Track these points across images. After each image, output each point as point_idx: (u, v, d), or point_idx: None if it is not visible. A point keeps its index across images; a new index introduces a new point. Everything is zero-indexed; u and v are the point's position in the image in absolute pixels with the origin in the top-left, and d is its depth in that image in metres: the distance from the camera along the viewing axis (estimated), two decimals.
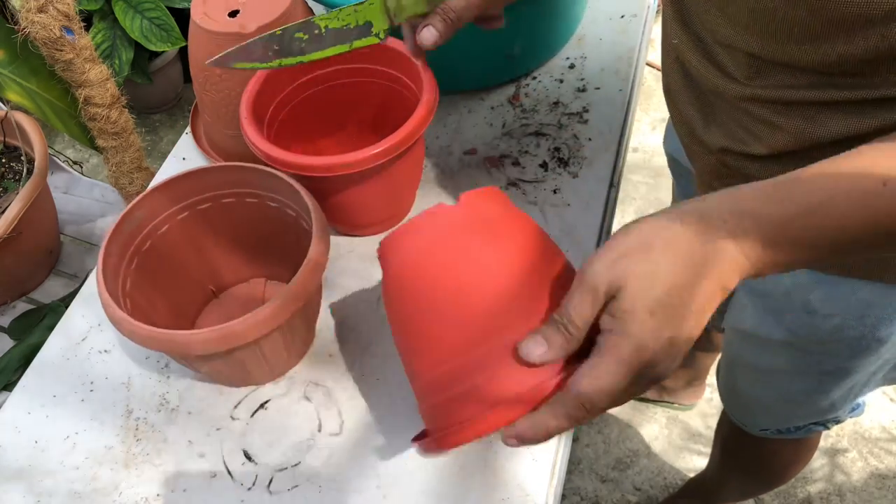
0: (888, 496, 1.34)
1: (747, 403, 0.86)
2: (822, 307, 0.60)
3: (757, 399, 0.83)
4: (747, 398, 0.85)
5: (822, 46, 0.45)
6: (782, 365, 0.72)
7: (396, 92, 0.75)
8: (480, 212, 0.49)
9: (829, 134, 0.49)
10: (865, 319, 0.60)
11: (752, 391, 0.82)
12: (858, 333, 0.61)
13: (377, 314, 0.71)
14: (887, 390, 1.45)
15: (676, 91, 0.63)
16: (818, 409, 0.76)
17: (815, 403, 0.75)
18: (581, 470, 1.41)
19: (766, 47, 0.48)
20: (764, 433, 0.87)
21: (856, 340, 0.62)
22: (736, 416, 0.90)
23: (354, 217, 0.74)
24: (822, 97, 0.48)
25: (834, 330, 0.62)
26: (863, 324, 0.60)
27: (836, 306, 0.60)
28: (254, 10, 0.76)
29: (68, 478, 0.64)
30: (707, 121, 0.59)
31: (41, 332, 1.06)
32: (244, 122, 0.68)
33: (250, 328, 0.56)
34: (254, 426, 0.66)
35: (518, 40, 0.84)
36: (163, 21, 1.66)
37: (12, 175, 1.14)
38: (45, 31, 0.94)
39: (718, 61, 0.54)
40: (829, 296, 0.60)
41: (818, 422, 0.80)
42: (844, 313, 0.60)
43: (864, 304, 0.59)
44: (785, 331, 0.66)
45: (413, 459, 0.62)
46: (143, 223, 0.66)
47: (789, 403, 0.78)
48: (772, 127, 0.52)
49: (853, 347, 0.63)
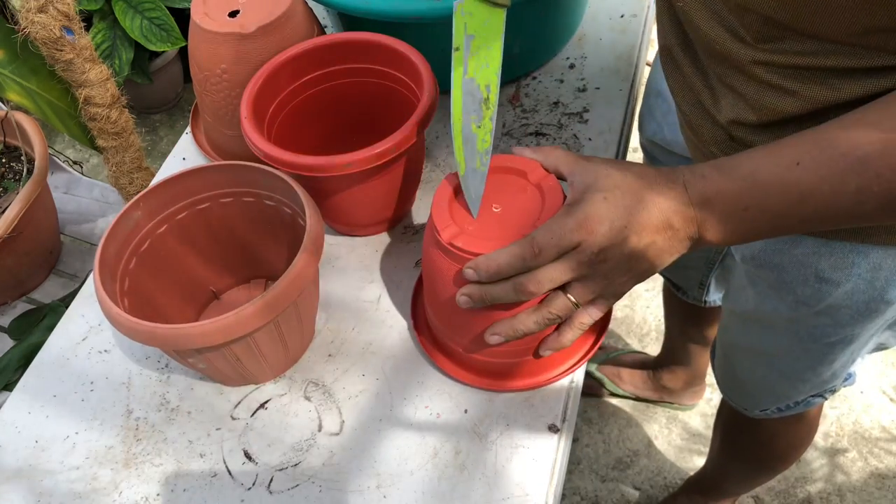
0: (888, 496, 1.34)
1: (747, 387, 0.87)
2: (833, 274, 0.61)
3: (758, 381, 0.83)
4: (747, 381, 0.85)
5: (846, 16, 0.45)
6: (786, 342, 0.73)
7: (396, 92, 0.75)
8: None
9: (844, 97, 0.49)
10: (875, 283, 0.60)
11: (752, 374, 0.82)
12: (868, 297, 0.62)
13: (377, 314, 0.71)
14: (887, 390, 1.45)
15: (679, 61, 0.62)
16: (820, 381, 0.77)
17: (818, 376, 0.75)
18: (581, 470, 1.41)
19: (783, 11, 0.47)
20: (763, 413, 0.87)
21: (864, 304, 0.63)
22: (735, 401, 0.90)
23: (354, 217, 0.74)
24: (840, 64, 0.48)
25: (844, 296, 0.62)
26: (872, 287, 0.61)
27: (846, 272, 0.61)
28: (254, 10, 0.76)
29: (68, 478, 0.64)
30: (715, 92, 0.58)
31: (41, 332, 1.06)
32: (244, 122, 0.68)
33: (242, 321, 0.56)
34: (254, 426, 0.66)
35: (518, 40, 0.84)
36: (163, 21, 1.67)
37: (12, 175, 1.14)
38: (46, 31, 0.94)
39: (729, 23, 0.53)
40: (839, 262, 0.60)
41: (817, 393, 0.81)
42: (856, 278, 0.61)
43: (873, 268, 0.59)
44: (792, 304, 0.67)
45: (413, 459, 0.62)
46: (141, 223, 0.66)
47: (792, 380, 0.78)
48: (784, 92, 0.52)
49: (861, 312, 0.64)
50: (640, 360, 1.45)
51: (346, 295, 0.73)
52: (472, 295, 0.54)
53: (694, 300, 1.10)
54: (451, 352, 0.65)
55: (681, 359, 1.34)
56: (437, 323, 0.65)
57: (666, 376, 1.39)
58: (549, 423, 0.63)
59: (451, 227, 0.56)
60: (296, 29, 0.77)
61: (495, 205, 0.57)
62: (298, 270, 0.58)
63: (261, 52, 0.75)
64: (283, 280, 0.57)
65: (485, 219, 0.57)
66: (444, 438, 0.63)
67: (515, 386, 0.64)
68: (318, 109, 0.77)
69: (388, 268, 0.75)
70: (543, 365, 0.64)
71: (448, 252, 0.56)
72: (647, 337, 1.57)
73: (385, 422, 0.64)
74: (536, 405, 0.64)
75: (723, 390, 0.93)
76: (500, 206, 0.57)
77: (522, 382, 0.64)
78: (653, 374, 1.42)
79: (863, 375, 1.47)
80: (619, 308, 1.61)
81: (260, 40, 0.75)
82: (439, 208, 0.57)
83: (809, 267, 0.62)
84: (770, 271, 0.66)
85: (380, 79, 0.75)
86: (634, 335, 1.57)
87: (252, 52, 0.75)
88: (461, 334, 0.62)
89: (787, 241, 0.62)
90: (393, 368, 0.68)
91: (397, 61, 0.73)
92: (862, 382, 1.47)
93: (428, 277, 0.62)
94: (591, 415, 1.47)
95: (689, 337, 1.26)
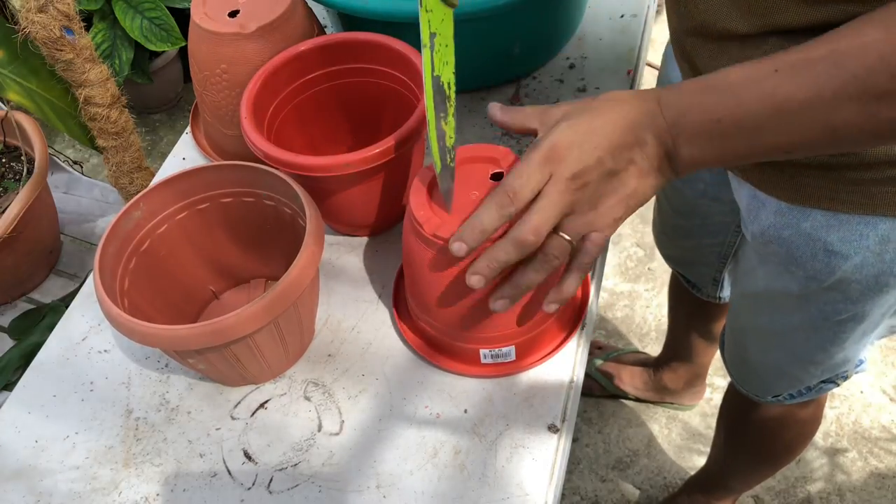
0: (888, 496, 1.34)
1: (759, 371, 0.86)
2: (842, 247, 0.61)
3: (771, 364, 0.83)
4: (760, 365, 0.85)
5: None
6: (797, 322, 0.72)
7: (396, 92, 0.75)
8: None
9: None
10: (884, 255, 0.60)
11: (765, 357, 0.82)
12: (877, 270, 0.62)
13: (377, 314, 0.71)
14: (887, 390, 1.45)
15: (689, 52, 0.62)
16: (833, 363, 0.77)
17: (830, 357, 0.75)
18: (581, 470, 1.41)
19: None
20: (776, 400, 0.87)
21: (874, 278, 0.63)
22: (747, 388, 0.90)
23: (354, 217, 0.74)
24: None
25: (853, 269, 0.62)
26: (881, 260, 0.61)
27: (855, 245, 0.61)
28: (254, 10, 0.76)
29: (68, 478, 0.64)
30: None
31: (41, 331, 1.06)
32: (244, 122, 0.68)
33: (242, 322, 0.56)
34: (254, 426, 0.66)
35: (518, 40, 0.84)
36: (163, 21, 1.67)
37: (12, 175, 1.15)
38: (46, 31, 0.94)
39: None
40: (848, 235, 0.60)
41: (829, 379, 0.80)
42: (864, 251, 0.61)
43: (882, 240, 0.59)
44: (802, 280, 0.67)
45: (413, 459, 0.62)
46: (141, 223, 0.66)
47: (804, 362, 0.78)
48: None
49: (871, 286, 0.64)
50: (641, 360, 1.45)
51: (346, 295, 0.73)
52: (479, 270, 0.52)
53: (708, 297, 1.10)
54: (440, 343, 0.66)
55: (683, 355, 1.33)
56: (426, 316, 0.65)
57: (667, 376, 1.39)
58: (548, 423, 0.63)
59: (433, 219, 0.56)
60: (296, 29, 0.77)
61: (473, 192, 0.57)
62: (298, 271, 0.58)
63: (261, 52, 0.75)
64: (283, 280, 0.57)
65: (464, 206, 0.57)
66: (443, 438, 0.63)
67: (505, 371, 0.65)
68: (317, 109, 0.77)
69: (387, 268, 0.75)
70: (532, 346, 0.64)
71: (431, 244, 0.56)
72: (647, 337, 1.57)
73: (385, 422, 0.64)
74: (536, 405, 0.64)
75: (734, 378, 0.93)
76: (478, 192, 0.57)
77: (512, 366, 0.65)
78: (653, 374, 1.42)
79: (863, 375, 1.47)
80: (619, 308, 1.61)
81: (260, 40, 0.75)
82: (418, 203, 0.57)
83: (818, 241, 0.62)
84: (779, 247, 0.66)
85: (380, 79, 0.75)
86: (634, 335, 1.57)
87: (252, 52, 0.75)
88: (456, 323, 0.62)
89: (795, 214, 0.62)
90: (393, 368, 0.68)
91: (397, 61, 0.73)
92: (862, 382, 1.47)
93: (414, 273, 0.62)
94: (591, 415, 1.47)
95: (695, 331, 1.26)
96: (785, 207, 0.62)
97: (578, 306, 0.69)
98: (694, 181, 0.88)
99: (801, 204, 0.61)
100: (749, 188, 0.65)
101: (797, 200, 0.61)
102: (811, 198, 0.60)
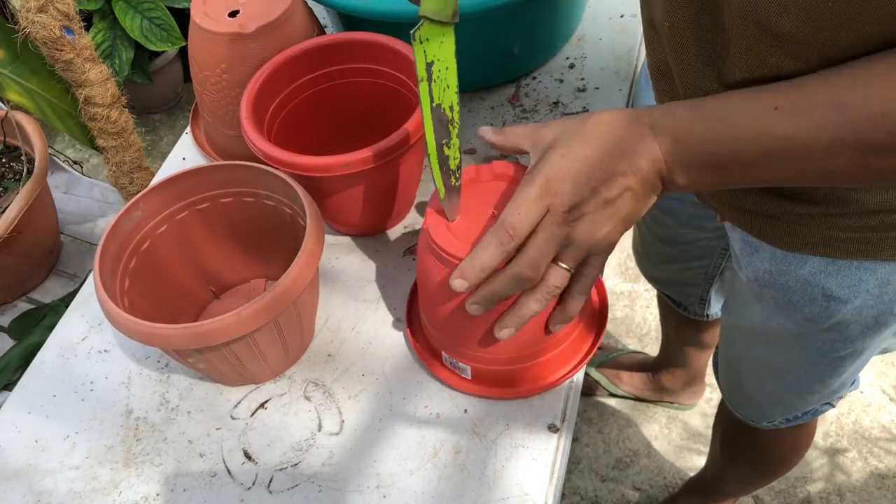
0: (888, 496, 1.34)
1: (755, 399, 0.86)
2: (841, 292, 0.61)
3: (766, 394, 0.82)
4: (755, 394, 0.84)
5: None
6: (794, 357, 0.72)
7: (396, 92, 0.75)
8: None
9: None
10: (884, 297, 0.60)
11: (761, 387, 0.82)
12: (877, 311, 0.61)
13: (377, 314, 0.71)
14: (887, 390, 1.45)
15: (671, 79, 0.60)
16: (829, 391, 0.76)
17: (827, 387, 0.75)
18: (581, 470, 1.41)
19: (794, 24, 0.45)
20: (771, 425, 0.86)
21: (873, 319, 0.62)
22: (742, 413, 0.90)
23: (354, 217, 0.74)
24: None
25: (853, 312, 0.62)
26: (881, 301, 0.60)
27: (854, 289, 0.60)
28: (254, 10, 0.76)
29: (68, 477, 0.64)
30: None
31: (41, 332, 1.06)
32: (244, 122, 0.68)
33: (242, 322, 0.56)
34: (254, 426, 0.66)
35: (518, 40, 0.84)
36: (163, 21, 1.67)
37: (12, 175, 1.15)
38: (46, 31, 0.94)
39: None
40: (847, 280, 0.60)
41: (825, 402, 0.80)
42: (864, 294, 0.60)
43: (882, 283, 0.59)
44: (800, 322, 0.66)
45: (413, 459, 0.62)
46: (141, 223, 0.66)
47: (800, 392, 0.77)
48: None
49: (870, 326, 0.63)
50: (640, 361, 1.45)
51: (346, 295, 0.73)
52: (479, 301, 0.53)
53: (696, 316, 1.09)
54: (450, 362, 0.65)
55: (679, 361, 1.34)
56: (437, 334, 0.64)
57: (665, 377, 1.39)
58: (548, 423, 0.63)
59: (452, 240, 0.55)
60: (296, 29, 0.77)
61: (494, 210, 0.57)
62: (298, 270, 0.58)
63: (261, 52, 0.75)
64: (283, 280, 0.57)
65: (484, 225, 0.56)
66: (443, 438, 0.63)
67: (516, 393, 0.64)
68: (318, 109, 0.77)
69: (387, 268, 0.75)
70: (543, 369, 0.64)
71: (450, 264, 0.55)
72: (646, 337, 1.57)
73: (385, 422, 0.64)
74: (536, 405, 0.64)
75: (729, 403, 0.92)
76: (499, 211, 0.57)
77: (524, 388, 0.64)
78: (652, 375, 1.42)
79: (863, 375, 1.47)
80: (619, 308, 1.61)
81: (260, 40, 0.75)
82: (435, 224, 0.57)
83: (816, 286, 0.61)
84: (776, 291, 0.65)
85: (379, 79, 0.75)
86: (634, 335, 1.57)
87: (252, 52, 0.75)
88: (463, 344, 0.61)
89: (792, 261, 0.61)
90: (393, 368, 0.68)
91: (397, 61, 0.73)
92: (862, 382, 1.47)
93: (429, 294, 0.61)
94: (591, 415, 1.47)
95: (687, 342, 1.26)
96: (780, 254, 0.61)
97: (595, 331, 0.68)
98: (677, 213, 0.88)
99: (797, 251, 0.60)
100: (742, 232, 0.64)
101: (793, 248, 0.60)
102: (807, 245, 0.59)
